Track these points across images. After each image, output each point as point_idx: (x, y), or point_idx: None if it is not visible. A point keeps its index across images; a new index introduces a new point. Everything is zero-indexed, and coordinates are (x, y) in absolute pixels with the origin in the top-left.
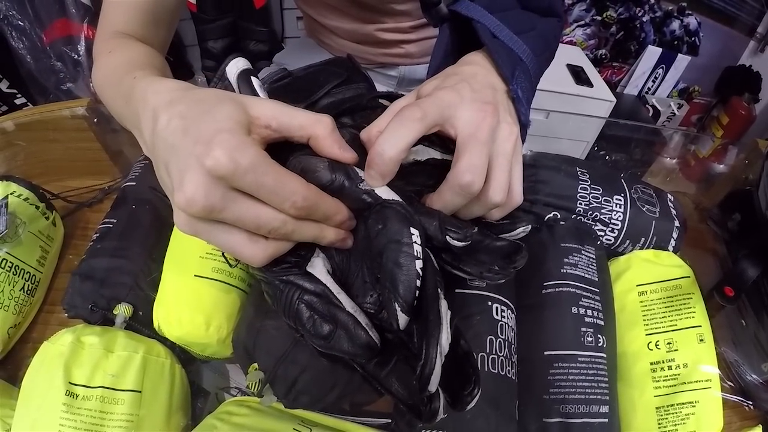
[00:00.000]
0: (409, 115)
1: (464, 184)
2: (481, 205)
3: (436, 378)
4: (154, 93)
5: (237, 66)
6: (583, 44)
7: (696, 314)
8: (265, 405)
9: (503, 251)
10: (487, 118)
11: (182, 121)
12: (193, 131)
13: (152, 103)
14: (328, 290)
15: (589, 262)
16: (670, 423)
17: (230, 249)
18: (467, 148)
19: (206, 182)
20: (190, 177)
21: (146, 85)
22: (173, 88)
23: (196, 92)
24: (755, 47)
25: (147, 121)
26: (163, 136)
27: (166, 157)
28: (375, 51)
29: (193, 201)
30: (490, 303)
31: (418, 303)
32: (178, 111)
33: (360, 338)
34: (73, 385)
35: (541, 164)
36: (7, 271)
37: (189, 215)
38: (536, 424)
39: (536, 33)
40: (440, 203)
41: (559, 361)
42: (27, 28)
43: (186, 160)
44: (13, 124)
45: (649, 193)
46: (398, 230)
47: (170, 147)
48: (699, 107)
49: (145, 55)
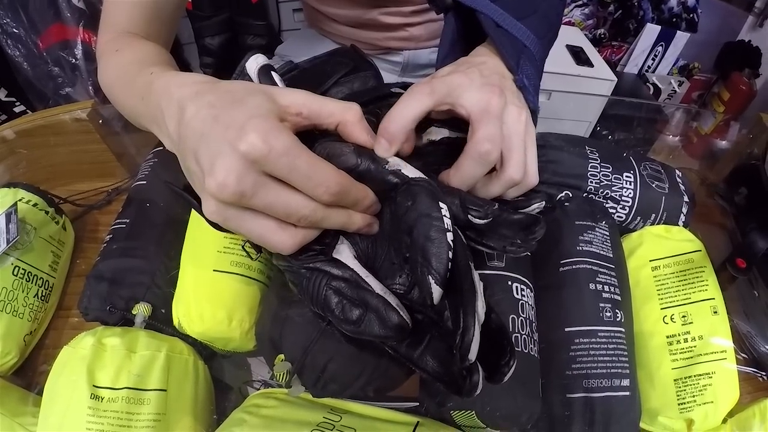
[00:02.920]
0: (418, 89)
1: (483, 152)
2: (500, 183)
3: (475, 346)
4: (179, 85)
5: (257, 62)
6: (581, 24)
7: (709, 287)
8: (294, 395)
9: (522, 223)
10: (494, 97)
11: (212, 110)
12: (224, 118)
13: (177, 95)
14: (356, 274)
15: (604, 239)
16: (688, 394)
17: (259, 236)
18: (482, 120)
19: (239, 166)
20: (223, 161)
21: (169, 78)
22: (199, 81)
23: (224, 84)
24: (754, 22)
25: (172, 113)
26: (192, 126)
27: (196, 145)
28: (379, 35)
29: (225, 185)
30: (510, 282)
31: (451, 275)
32: (207, 101)
33: (392, 319)
34: (98, 387)
35: (550, 144)
36: (20, 279)
37: (219, 201)
38: (560, 400)
39: (539, 15)
40: (459, 175)
41: (580, 336)
42: (22, 35)
43: (218, 146)
44: (13, 132)
45: (658, 169)
46: (428, 205)
47: (200, 135)
48: (699, 84)
49: (155, 53)
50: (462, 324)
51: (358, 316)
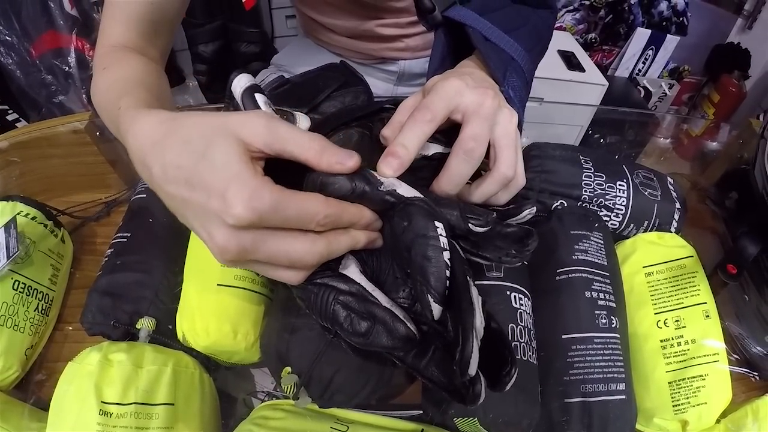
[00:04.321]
0: (420, 117)
1: (468, 149)
2: (493, 180)
3: (474, 362)
4: (134, 136)
5: (240, 84)
6: (572, 29)
7: (701, 292)
8: (301, 407)
9: (516, 236)
10: (488, 99)
11: (179, 171)
12: (198, 184)
13: (134, 147)
14: (363, 289)
15: (598, 247)
16: (682, 396)
17: (270, 276)
18: (470, 120)
19: (234, 233)
20: (217, 231)
21: (128, 124)
22: (152, 127)
23: (178, 130)
24: (743, 24)
25: (138, 164)
26: (166, 190)
27: (181, 210)
28: (375, 46)
29: (226, 250)
30: (508, 292)
31: (450, 292)
32: (169, 160)
33: (399, 331)
34: (106, 403)
35: (545, 155)
36: (20, 293)
37: (227, 261)
38: (559, 405)
39: (528, 28)
40: (448, 175)
41: (577, 343)
42: (15, 43)
43: (206, 217)
44: (8, 143)
45: (650, 177)
46: (424, 225)
47: (181, 201)
48: (690, 86)
49: (137, 73)
50: (461, 341)
51: (367, 328)
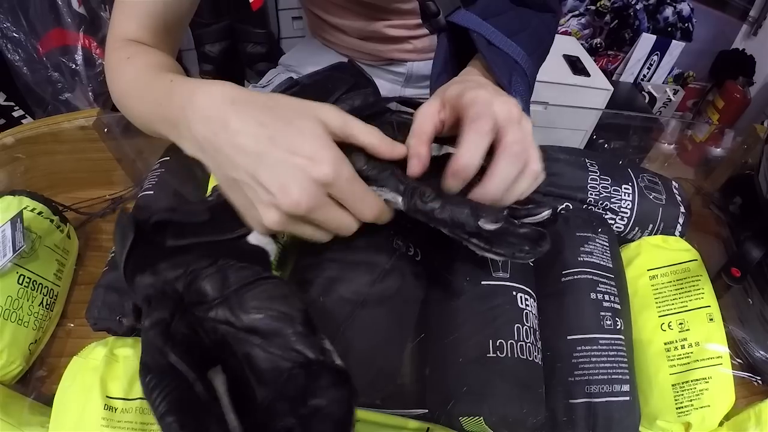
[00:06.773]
0: (480, 127)
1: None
2: (526, 177)
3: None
4: (204, 94)
5: None
6: (578, 34)
7: (705, 295)
8: None
9: (529, 237)
10: (514, 107)
11: (262, 128)
12: (283, 142)
13: (203, 105)
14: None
15: (603, 250)
16: (685, 399)
17: (308, 237)
18: (509, 126)
19: (313, 189)
20: (297, 184)
21: (193, 86)
22: (228, 90)
23: (260, 97)
24: (748, 31)
25: (199, 122)
26: (241, 143)
27: (253, 165)
28: (383, 47)
29: (299, 204)
30: (514, 293)
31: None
32: (253, 118)
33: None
34: (111, 398)
35: (552, 158)
36: (25, 287)
37: (287, 214)
38: (563, 405)
39: (529, 32)
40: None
41: (582, 344)
42: (22, 40)
43: (286, 170)
44: (15, 138)
45: (655, 181)
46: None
47: (257, 155)
48: (694, 92)
49: (166, 60)
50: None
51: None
